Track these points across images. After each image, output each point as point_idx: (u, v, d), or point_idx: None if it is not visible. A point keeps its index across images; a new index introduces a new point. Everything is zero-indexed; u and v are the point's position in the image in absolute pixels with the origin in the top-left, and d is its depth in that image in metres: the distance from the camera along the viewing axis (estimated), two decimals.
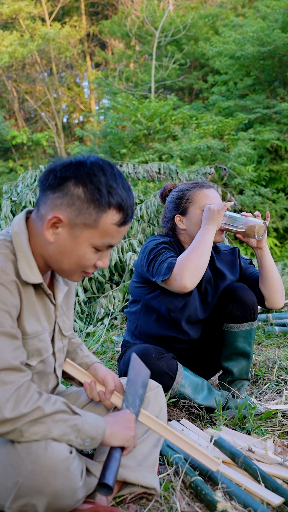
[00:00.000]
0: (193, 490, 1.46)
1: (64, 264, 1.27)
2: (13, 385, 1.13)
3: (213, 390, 2.09)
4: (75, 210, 1.20)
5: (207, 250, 1.96)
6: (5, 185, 4.49)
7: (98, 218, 1.21)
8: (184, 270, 1.88)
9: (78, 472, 1.20)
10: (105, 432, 1.26)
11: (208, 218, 2.02)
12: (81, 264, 1.27)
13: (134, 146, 12.19)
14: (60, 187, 1.21)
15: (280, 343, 3.24)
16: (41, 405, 1.14)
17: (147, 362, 1.93)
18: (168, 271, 1.91)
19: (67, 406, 1.21)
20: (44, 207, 1.24)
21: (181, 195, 2.16)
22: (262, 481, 1.50)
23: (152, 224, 4.35)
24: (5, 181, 14.82)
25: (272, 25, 11.49)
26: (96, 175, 1.20)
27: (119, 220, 1.23)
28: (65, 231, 1.23)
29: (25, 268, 1.24)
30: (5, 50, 16.63)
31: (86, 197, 1.20)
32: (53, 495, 1.14)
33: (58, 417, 1.17)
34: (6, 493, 1.15)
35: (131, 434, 1.31)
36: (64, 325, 1.44)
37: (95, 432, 1.23)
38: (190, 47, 15.65)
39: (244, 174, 10.13)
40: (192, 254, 1.93)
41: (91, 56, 21.75)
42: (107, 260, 1.30)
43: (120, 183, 1.23)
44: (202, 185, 2.16)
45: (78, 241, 1.23)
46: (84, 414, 1.24)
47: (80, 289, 3.83)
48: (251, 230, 2.03)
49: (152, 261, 2.02)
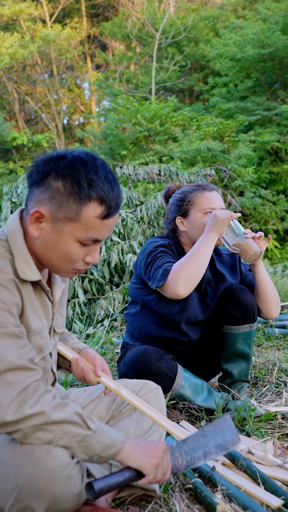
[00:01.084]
0: (193, 492, 1.46)
1: (52, 260, 1.26)
2: (19, 386, 1.11)
3: (213, 391, 2.09)
4: (56, 204, 1.20)
5: (206, 258, 1.95)
6: (6, 186, 4.49)
7: (79, 211, 1.19)
8: (178, 278, 1.87)
9: (79, 477, 1.18)
10: (120, 452, 1.21)
11: (212, 225, 2.00)
12: (68, 259, 1.25)
13: (135, 148, 12.20)
14: (42, 181, 1.21)
15: (280, 345, 3.24)
16: (46, 410, 1.11)
17: (146, 364, 1.93)
18: (163, 277, 1.91)
19: (81, 419, 1.17)
20: (30, 203, 1.24)
21: (183, 197, 2.15)
22: (262, 483, 1.50)
23: (152, 225, 4.36)
24: (6, 182, 14.82)
25: (273, 27, 11.50)
26: (76, 168, 1.19)
27: (102, 213, 1.21)
28: (48, 226, 1.22)
29: (22, 266, 1.24)
30: (5, 52, 16.64)
31: (66, 190, 1.19)
32: (53, 499, 1.13)
33: (67, 429, 1.14)
34: (6, 495, 1.14)
35: (154, 462, 1.24)
36: (56, 322, 1.44)
37: (105, 453, 1.19)
38: (191, 49, 15.66)
39: (245, 176, 10.13)
40: (189, 261, 1.91)
41: (91, 58, 21.77)
42: (96, 255, 1.28)
43: (103, 175, 1.21)
44: (205, 187, 2.15)
45: (61, 235, 1.22)
46: (101, 431, 1.19)
47: (80, 291, 3.83)
48: (245, 253, 2.00)
49: (149, 264, 2.02)
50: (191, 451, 1.33)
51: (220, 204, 2.13)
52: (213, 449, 1.34)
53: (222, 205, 2.13)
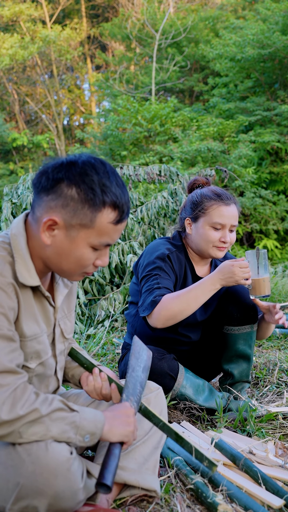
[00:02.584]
0: (194, 492, 1.46)
1: (63, 265, 1.26)
2: (9, 387, 1.13)
3: (214, 391, 2.09)
4: (70, 211, 1.19)
5: (199, 302, 1.90)
6: (6, 187, 4.49)
7: (93, 217, 1.20)
8: (162, 315, 1.87)
9: (79, 473, 1.20)
10: (104, 427, 1.26)
11: (223, 275, 1.90)
12: (80, 264, 1.26)
13: (135, 148, 12.20)
14: (53, 189, 1.20)
15: (280, 345, 3.24)
16: (38, 407, 1.14)
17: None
18: (150, 308, 1.90)
19: (64, 404, 1.21)
20: (39, 209, 1.23)
21: (199, 201, 2.09)
22: (263, 484, 1.50)
23: (152, 226, 4.35)
24: (6, 183, 14.82)
25: (273, 28, 11.51)
26: (89, 174, 1.19)
27: (115, 218, 1.22)
28: (61, 233, 1.22)
29: (22, 270, 1.23)
30: (5, 53, 16.65)
31: (80, 198, 1.19)
32: (54, 496, 1.14)
33: (56, 415, 1.17)
34: (7, 494, 1.15)
35: (130, 429, 1.31)
36: (65, 328, 1.44)
37: (94, 427, 1.23)
38: (191, 49, 15.66)
39: (245, 176, 10.13)
40: (180, 299, 1.87)
41: (91, 59, 21.78)
42: (106, 258, 1.29)
43: (114, 181, 1.22)
44: (223, 199, 2.06)
45: (75, 242, 1.22)
46: (82, 410, 1.24)
47: (81, 291, 3.83)
48: (253, 290, 1.99)
49: (143, 279, 2.02)
50: (134, 391, 1.42)
51: (231, 221, 2.04)
52: (142, 376, 1.49)
53: (234, 222, 2.06)
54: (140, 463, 1.44)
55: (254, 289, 1.98)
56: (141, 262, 2.12)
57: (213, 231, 2.04)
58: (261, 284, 1.97)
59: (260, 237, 10.81)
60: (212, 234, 2.03)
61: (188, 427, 1.91)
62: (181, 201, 4.27)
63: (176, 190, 4.35)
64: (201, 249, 2.08)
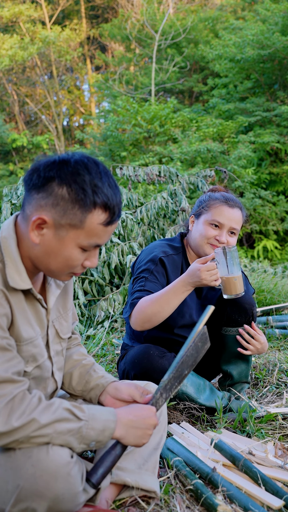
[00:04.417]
0: (193, 493, 1.46)
1: (51, 265, 1.24)
2: (5, 398, 1.12)
3: (215, 390, 2.09)
4: (59, 210, 1.18)
5: (172, 305, 1.86)
6: (6, 188, 4.49)
7: (83, 218, 1.18)
8: (137, 317, 1.89)
9: (79, 476, 1.19)
10: (114, 433, 1.24)
11: (190, 277, 1.85)
12: (69, 264, 1.24)
13: (134, 149, 12.20)
14: (44, 187, 1.18)
15: (280, 345, 3.24)
16: (35, 417, 1.12)
17: (149, 361, 1.93)
18: (129, 310, 1.94)
19: (70, 413, 1.18)
20: (29, 207, 1.22)
21: (205, 200, 2.12)
22: (263, 484, 1.50)
23: (152, 227, 4.35)
24: (6, 184, 14.82)
25: (272, 28, 11.52)
26: (80, 174, 1.17)
27: (106, 220, 1.20)
28: (50, 232, 1.20)
29: (13, 274, 1.22)
30: (5, 53, 16.65)
31: (71, 197, 1.17)
32: (53, 499, 1.13)
33: (60, 427, 1.15)
34: (7, 496, 1.15)
35: (145, 442, 1.29)
36: (61, 328, 1.43)
37: (101, 436, 1.21)
38: (190, 50, 15.67)
39: (244, 176, 10.14)
40: (154, 303, 1.86)
41: (91, 59, 21.79)
42: (95, 259, 1.27)
43: (106, 181, 1.20)
44: (227, 201, 2.07)
45: (64, 242, 1.20)
46: (92, 417, 1.20)
47: (81, 292, 3.83)
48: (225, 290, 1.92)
49: (133, 281, 2.05)
50: (171, 389, 1.37)
51: (231, 223, 2.04)
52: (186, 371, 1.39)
53: (235, 225, 2.05)
54: (139, 464, 1.44)
55: (225, 289, 1.92)
56: (135, 264, 2.13)
57: (211, 228, 2.05)
58: (231, 283, 1.90)
59: (259, 237, 10.81)
60: (209, 230, 2.05)
61: (188, 428, 1.91)
62: (181, 202, 4.26)
63: (176, 191, 4.35)
64: (196, 245, 2.09)
